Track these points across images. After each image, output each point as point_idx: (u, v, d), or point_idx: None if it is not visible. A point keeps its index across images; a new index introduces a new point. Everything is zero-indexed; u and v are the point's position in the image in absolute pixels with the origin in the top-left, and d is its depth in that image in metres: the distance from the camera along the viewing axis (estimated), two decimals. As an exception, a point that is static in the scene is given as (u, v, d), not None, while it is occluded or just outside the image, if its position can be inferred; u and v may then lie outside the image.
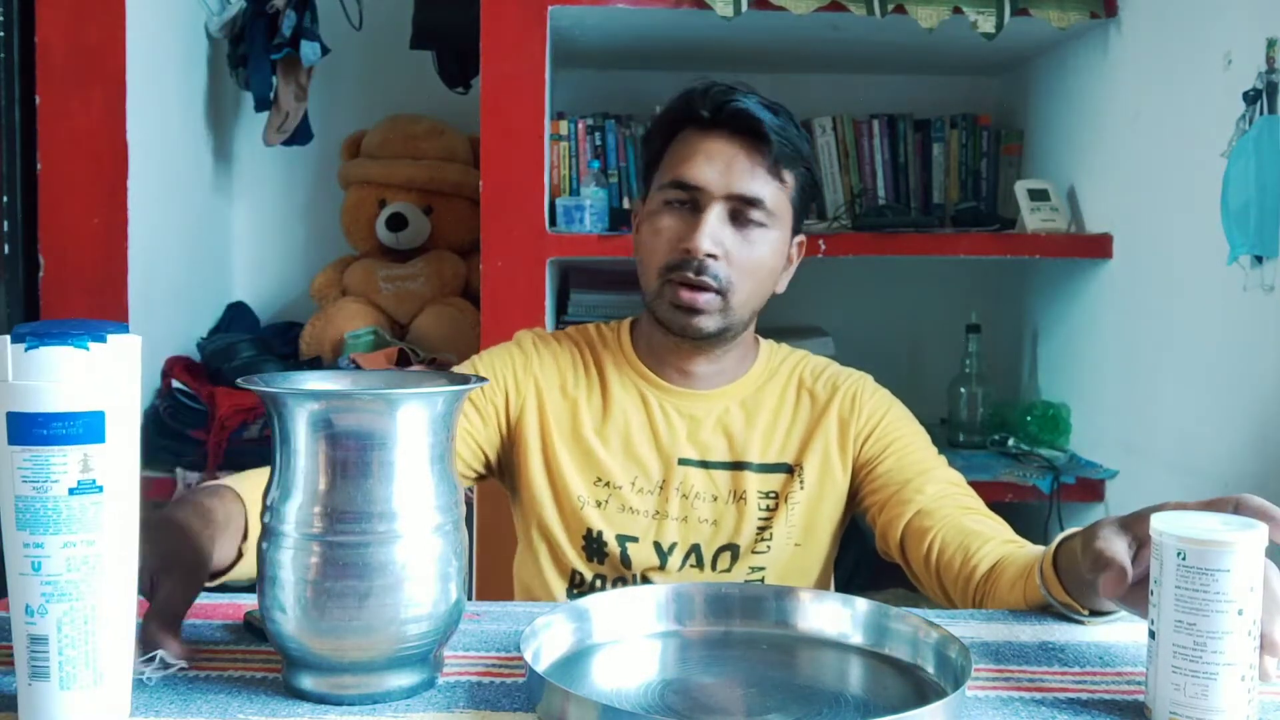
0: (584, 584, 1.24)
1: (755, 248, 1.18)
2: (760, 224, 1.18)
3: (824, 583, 1.29)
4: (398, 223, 2.44)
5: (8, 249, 2.00)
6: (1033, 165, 2.50)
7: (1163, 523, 0.72)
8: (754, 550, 1.22)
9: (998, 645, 0.88)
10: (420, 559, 0.74)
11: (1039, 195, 2.25)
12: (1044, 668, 0.83)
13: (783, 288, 1.26)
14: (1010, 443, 2.34)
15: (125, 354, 0.67)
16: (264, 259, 2.70)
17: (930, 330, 2.66)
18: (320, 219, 2.67)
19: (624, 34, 2.26)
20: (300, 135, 2.46)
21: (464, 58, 2.45)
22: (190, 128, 2.43)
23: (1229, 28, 1.75)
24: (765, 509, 1.23)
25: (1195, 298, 1.85)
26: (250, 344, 2.36)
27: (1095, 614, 0.92)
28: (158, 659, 0.76)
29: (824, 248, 2.10)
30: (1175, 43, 1.93)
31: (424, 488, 0.75)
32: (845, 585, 1.78)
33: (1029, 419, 2.37)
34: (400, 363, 2.25)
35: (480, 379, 0.82)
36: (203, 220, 2.52)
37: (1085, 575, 0.82)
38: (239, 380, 0.78)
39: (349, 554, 0.72)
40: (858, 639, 0.87)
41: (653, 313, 1.22)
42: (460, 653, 0.84)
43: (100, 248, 2.05)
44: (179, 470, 2.13)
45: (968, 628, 0.92)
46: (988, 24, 2.07)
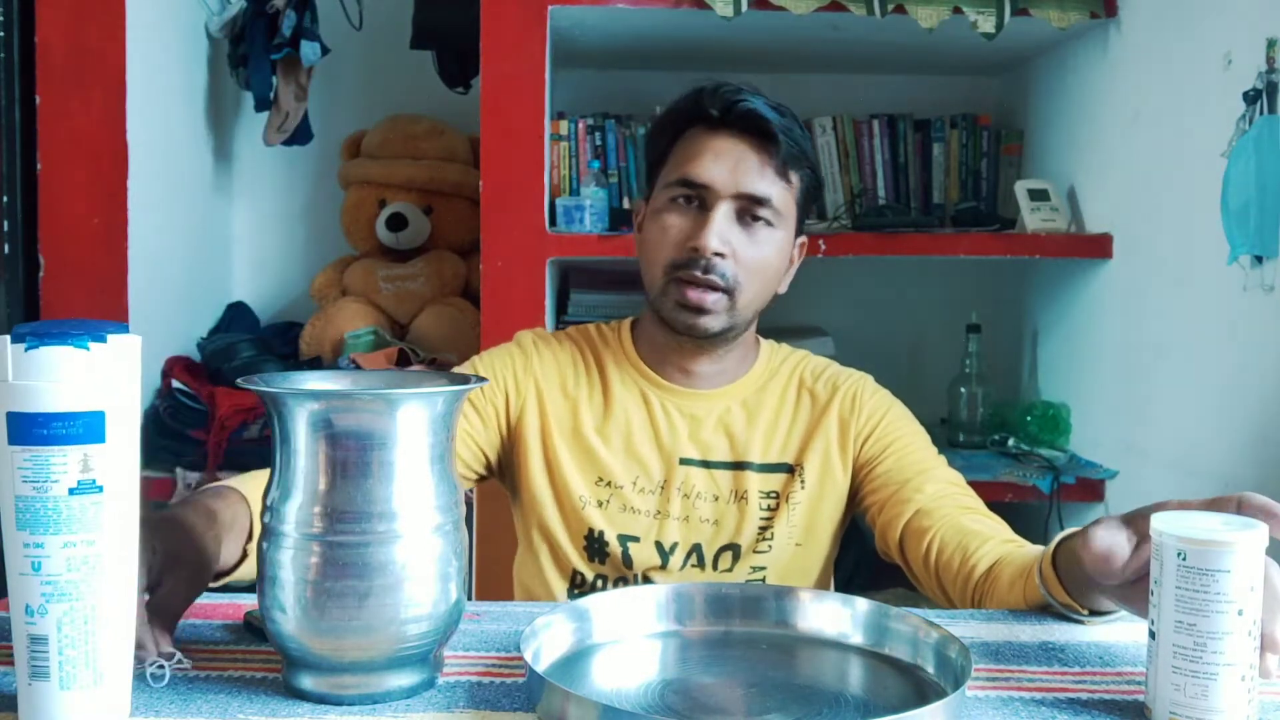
0: (585, 584, 1.24)
1: (762, 247, 1.18)
2: (767, 223, 1.18)
3: (824, 583, 1.29)
4: (398, 223, 2.44)
5: (8, 249, 2.00)
6: (1033, 165, 2.50)
7: (1163, 523, 0.72)
8: (755, 550, 1.22)
9: (998, 645, 0.88)
10: (420, 559, 0.74)
11: (1039, 195, 2.25)
12: (1044, 668, 0.83)
13: (784, 288, 1.26)
14: (1010, 443, 2.34)
15: (125, 354, 0.67)
16: (264, 259, 2.70)
17: (930, 330, 2.66)
18: (320, 219, 2.67)
19: (624, 34, 2.26)
20: (300, 135, 2.46)
21: (464, 58, 2.45)
22: (190, 128, 2.43)
23: (1229, 28, 1.75)
24: (766, 509, 1.23)
25: (1195, 298, 1.85)
26: (250, 344, 2.36)
27: (1095, 614, 0.92)
28: (160, 661, 0.76)
29: (824, 248, 2.10)
30: (1175, 43, 1.93)
31: (424, 488, 0.75)
32: (845, 585, 1.78)
33: (1029, 419, 2.37)
34: (400, 363, 2.25)
35: (480, 379, 0.82)
36: (203, 220, 2.52)
37: (1081, 559, 0.82)
38: (239, 380, 0.78)
39: (349, 554, 0.72)
40: (858, 639, 0.87)
41: (656, 311, 1.22)
42: (460, 653, 0.84)
43: (100, 248, 2.05)
44: (179, 470, 2.13)
45: (968, 628, 0.92)
46: (988, 24, 2.07)
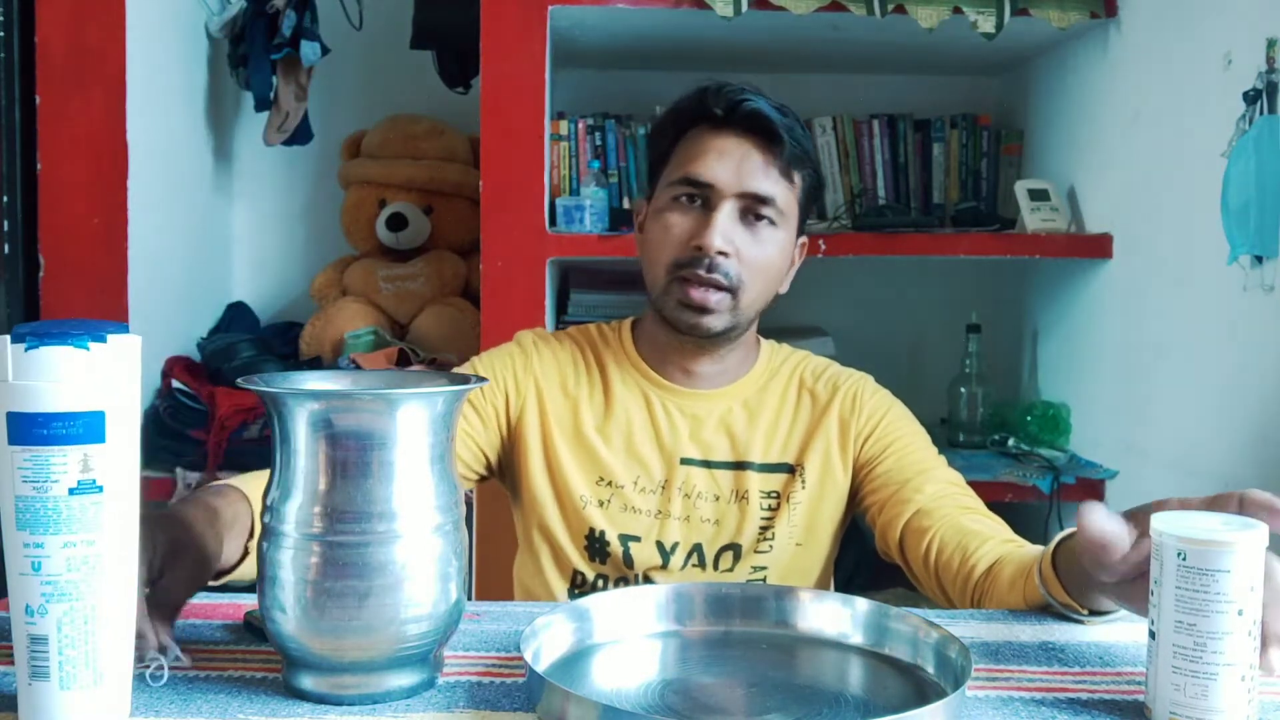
0: (585, 584, 1.24)
1: (765, 247, 1.18)
2: (771, 223, 1.18)
3: (824, 582, 1.29)
4: (398, 223, 2.44)
5: (8, 249, 2.00)
6: (1033, 165, 2.50)
7: (1163, 523, 0.72)
8: (756, 550, 1.22)
9: (998, 645, 0.88)
10: (420, 559, 0.74)
11: (1039, 195, 2.25)
12: (1044, 668, 0.83)
13: (785, 288, 1.26)
14: (1010, 443, 2.34)
15: (125, 354, 0.67)
16: (264, 259, 2.69)
17: (930, 330, 2.66)
18: (320, 219, 2.67)
19: (624, 34, 2.26)
20: (300, 135, 2.46)
21: (464, 58, 2.45)
22: (190, 128, 2.43)
23: (1229, 28, 1.75)
24: (767, 509, 1.23)
25: (1195, 298, 1.85)
26: (250, 344, 2.36)
27: (1095, 614, 0.92)
28: (160, 660, 0.76)
29: (824, 248, 2.10)
30: (1175, 43, 1.93)
31: (424, 488, 0.75)
32: (845, 585, 1.79)
33: (1029, 419, 2.37)
34: (400, 363, 2.25)
35: (480, 379, 0.82)
36: (203, 220, 2.52)
37: (1078, 550, 0.82)
38: (239, 380, 0.78)
39: (349, 554, 0.72)
40: (858, 639, 0.87)
41: (659, 311, 1.22)
42: (460, 653, 0.84)
43: (100, 248, 2.05)
44: (179, 470, 2.13)
45: (968, 628, 0.92)
46: (988, 24, 2.07)
